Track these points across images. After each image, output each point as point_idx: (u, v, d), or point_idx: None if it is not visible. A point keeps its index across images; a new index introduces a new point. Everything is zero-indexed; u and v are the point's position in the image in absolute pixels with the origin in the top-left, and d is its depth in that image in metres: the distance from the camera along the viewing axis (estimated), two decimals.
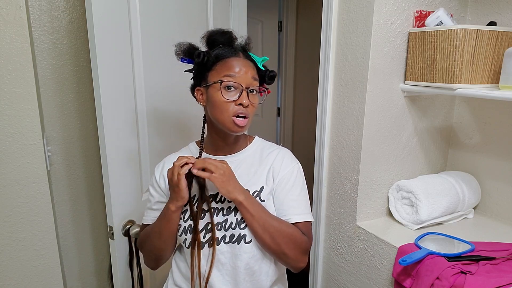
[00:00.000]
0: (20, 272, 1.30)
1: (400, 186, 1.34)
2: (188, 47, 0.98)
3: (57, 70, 1.44)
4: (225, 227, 0.94)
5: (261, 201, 0.96)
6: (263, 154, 1.03)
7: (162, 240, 0.98)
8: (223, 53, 0.94)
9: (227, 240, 0.93)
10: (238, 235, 0.93)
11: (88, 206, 1.61)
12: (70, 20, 1.44)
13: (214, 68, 0.94)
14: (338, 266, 1.47)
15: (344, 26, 1.31)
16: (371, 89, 1.26)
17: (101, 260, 1.69)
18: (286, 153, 1.03)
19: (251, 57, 0.98)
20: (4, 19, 1.14)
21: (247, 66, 0.94)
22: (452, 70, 1.12)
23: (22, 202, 1.26)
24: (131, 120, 1.28)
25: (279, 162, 1.00)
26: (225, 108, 0.91)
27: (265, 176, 0.99)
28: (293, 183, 0.99)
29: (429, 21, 1.23)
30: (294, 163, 1.02)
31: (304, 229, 0.98)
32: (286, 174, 0.99)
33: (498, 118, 1.36)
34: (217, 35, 0.97)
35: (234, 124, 0.92)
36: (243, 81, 0.92)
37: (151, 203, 1.06)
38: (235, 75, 0.91)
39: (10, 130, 1.20)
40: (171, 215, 0.94)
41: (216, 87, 0.92)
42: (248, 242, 0.93)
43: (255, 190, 0.98)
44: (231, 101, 0.91)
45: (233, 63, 0.92)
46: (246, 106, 0.91)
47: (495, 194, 1.40)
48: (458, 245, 1.17)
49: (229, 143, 1.01)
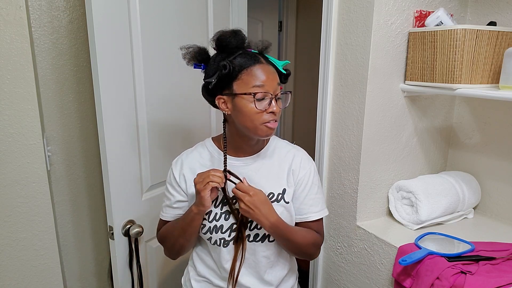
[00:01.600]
0: (20, 272, 1.30)
1: (400, 186, 1.34)
2: (199, 51, 0.97)
3: (57, 70, 1.44)
4: (250, 227, 1.01)
5: (285, 203, 1.02)
6: (281, 153, 1.06)
7: (185, 238, 1.03)
8: (247, 62, 0.93)
9: (251, 239, 1.01)
10: (263, 234, 1.02)
11: (88, 206, 1.61)
12: (70, 20, 1.44)
13: (240, 78, 0.93)
14: (338, 266, 1.47)
15: (344, 26, 1.31)
16: (371, 89, 1.26)
17: (101, 260, 1.69)
18: (304, 154, 1.08)
19: (271, 62, 0.98)
20: (4, 19, 1.14)
21: (272, 73, 0.95)
22: (452, 70, 1.12)
23: (22, 202, 1.26)
24: (131, 120, 1.28)
25: (297, 163, 1.05)
26: (257, 118, 0.93)
27: (286, 178, 1.04)
28: (311, 183, 1.05)
29: (429, 21, 1.23)
30: (311, 163, 1.08)
31: (318, 227, 1.08)
32: (305, 175, 1.04)
33: (498, 118, 1.36)
34: (229, 38, 0.94)
35: (267, 129, 0.94)
36: (271, 89, 0.93)
37: (171, 201, 1.07)
38: (264, 84, 0.92)
39: (10, 130, 1.20)
40: (194, 216, 0.98)
41: (246, 98, 0.92)
42: (272, 241, 1.03)
43: (279, 192, 1.02)
44: (263, 110, 0.93)
45: (259, 72, 0.92)
46: (276, 113, 0.94)
47: (495, 194, 1.40)
48: (458, 245, 1.17)
49: (251, 145, 1.03)
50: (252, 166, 1.03)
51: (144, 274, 1.39)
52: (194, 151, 1.08)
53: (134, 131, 1.30)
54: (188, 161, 1.05)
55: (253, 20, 3.06)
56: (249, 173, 1.01)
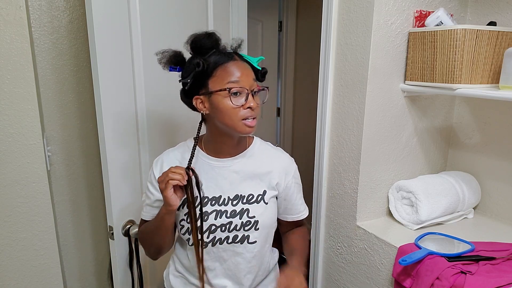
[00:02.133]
0: (20, 272, 1.30)
1: (400, 186, 1.34)
2: (174, 55, 0.98)
3: (57, 70, 1.44)
4: (229, 229, 1.00)
5: (265, 203, 1.03)
6: (263, 156, 1.06)
7: (160, 237, 1.03)
8: (220, 59, 0.94)
9: (230, 240, 1.01)
10: (242, 236, 1.01)
11: (88, 206, 1.61)
12: (70, 20, 1.44)
13: (214, 75, 0.93)
14: (338, 266, 1.47)
15: (344, 26, 1.31)
16: (371, 89, 1.26)
17: (101, 260, 1.69)
18: (286, 157, 1.10)
19: (245, 59, 0.99)
20: (4, 19, 1.14)
21: (246, 69, 0.95)
22: (452, 70, 1.12)
23: (22, 202, 1.26)
24: (131, 120, 1.28)
25: (280, 167, 1.07)
26: (234, 114, 0.92)
27: (268, 180, 1.05)
28: (296, 184, 1.10)
29: (429, 21, 1.23)
30: (294, 166, 1.10)
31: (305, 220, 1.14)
32: (292, 179, 1.08)
33: (498, 118, 1.36)
34: (203, 39, 0.95)
35: (245, 126, 0.94)
36: (246, 85, 0.93)
37: (151, 200, 1.06)
38: (239, 80, 0.92)
39: (10, 130, 1.20)
40: (163, 216, 0.97)
41: (222, 95, 0.92)
42: (252, 243, 1.01)
43: (259, 193, 1.03)
44: (240, 106, 0.92)
45: (233, 68, 0.93)
46: (254, 108, 0.94)
47: (495, 194, 1.40)
48: (458, 245, 1.17)
49: (231, 145, 1.02)
50: (232, 168, 1.02)
51: (144, 274, 1.39)
52: (175, 150, 1.08)
53: (134, 131, 1.30)
54: (168, 160, 1.05)
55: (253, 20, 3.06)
56: (229, 175, 1.01)
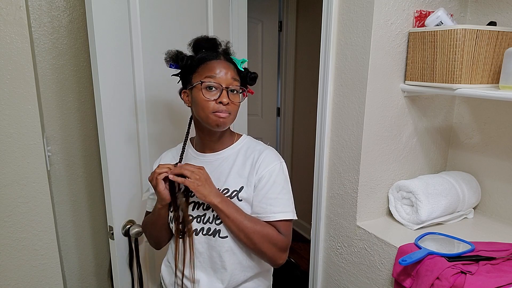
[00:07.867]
0: (20, 272, 1.30)
1: (400, 186, 1.34)
2: (176, 54, 1.04)
3: (57, 70, 1.44)
4: (204, 221, 1.03)
5: (238, 200, 1.01)
6: (248, 153, 1.07)
7: (157, 229, 1.10)
8: (205, 57, 1.01)
9: (204, 232, 1.03)
10: (214, 229, 1.02)
11: (88, 206, 1.61)
12: (70, 20, 1.44)
13: (197, 71, 1.01)
14: (338, 266, 1.47)
15: (344, 26, 1.31)
16: (371, 89, 1.26)
17: (101, 260, 1.69)
18: (270, 152, 1.05)
19: (232, 60, 1.04)
20: (4, 19, 1.14)
21: (227, 68, 1.00)
22: (452, 70, 1.12)
23: (22, 202, 1.26)
24: (131, 119, 1.28)
25: (261, 161, 1.03)
26: (205, 106, 0.97)
27: (247, 176, 1.02)
28: (273, 182, 1.01)
29: (429, 21, 1.23)
30: (276, 161, 1.03)
31: (282, 228, 1.01)
32: (267, 173, 1.01)
33: (498, 118, 1.36)
34: (202, 41, 1.03)
35: (217, 118, 0.97)
36: (223, 81, 0.98)
37: (150, 192, 1.15)
38: (216, 76, 0.98)
39: (10, 130, 1.20)
40: (159, 211, 1.05)
41: (198, 88, 0.99)
42: (223, 237, 1.01)
43: (235, 189, 1.02)
44: (212, 100, 0.97)
45: (214, 65, 0.99)
46: (225, 104, 0.97)
47: (495, 194, 1.40)
48: (458, 245, 1.17)
49: (214, 140, 1.06)
50: (214, 163, 1.06)
51: (144, 274, 1.39)
52: (173, 149, 1.17)
53: (134, 130, 1.30)
54: (166, 158, 1.14)
55: (253, 20, 3.06)
56: (208, 167, 1.02)
